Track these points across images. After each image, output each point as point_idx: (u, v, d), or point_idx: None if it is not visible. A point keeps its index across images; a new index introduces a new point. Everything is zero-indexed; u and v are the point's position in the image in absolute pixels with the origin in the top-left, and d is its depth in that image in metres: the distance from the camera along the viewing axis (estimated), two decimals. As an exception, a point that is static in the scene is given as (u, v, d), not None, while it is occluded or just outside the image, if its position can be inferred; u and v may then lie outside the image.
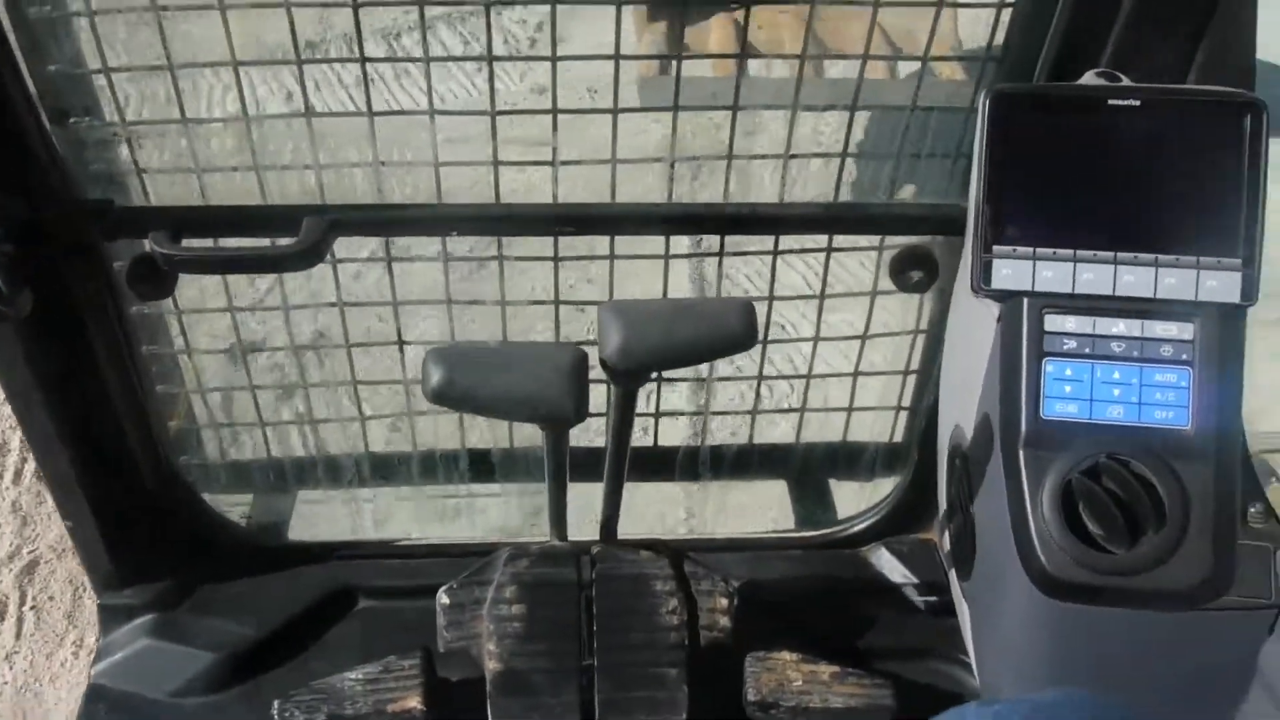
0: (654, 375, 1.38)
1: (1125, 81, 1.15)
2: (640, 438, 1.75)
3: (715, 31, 3.94)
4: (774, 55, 2.17)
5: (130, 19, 1.29)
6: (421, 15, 1.27)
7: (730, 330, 1.08)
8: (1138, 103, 1.08)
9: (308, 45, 1.28)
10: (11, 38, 1.24)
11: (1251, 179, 1.06)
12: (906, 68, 3.18)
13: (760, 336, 1.64)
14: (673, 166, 1.37)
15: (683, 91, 1.33)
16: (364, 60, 1.29)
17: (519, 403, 1.06)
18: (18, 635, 2.42)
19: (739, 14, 2.38)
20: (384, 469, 1.86)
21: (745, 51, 1.37)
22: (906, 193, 1.47)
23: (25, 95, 1.27)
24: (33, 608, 2.46)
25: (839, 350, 1.74)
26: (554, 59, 1.28)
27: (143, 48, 1.32)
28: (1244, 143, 1.06)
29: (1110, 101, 1.08)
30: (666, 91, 1.35)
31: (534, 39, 4.73)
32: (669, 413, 1.78)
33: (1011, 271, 1.08)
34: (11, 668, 2.36)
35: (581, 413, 1.06)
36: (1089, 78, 1.17)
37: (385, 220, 1.39)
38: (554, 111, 1.33)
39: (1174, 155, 1.08)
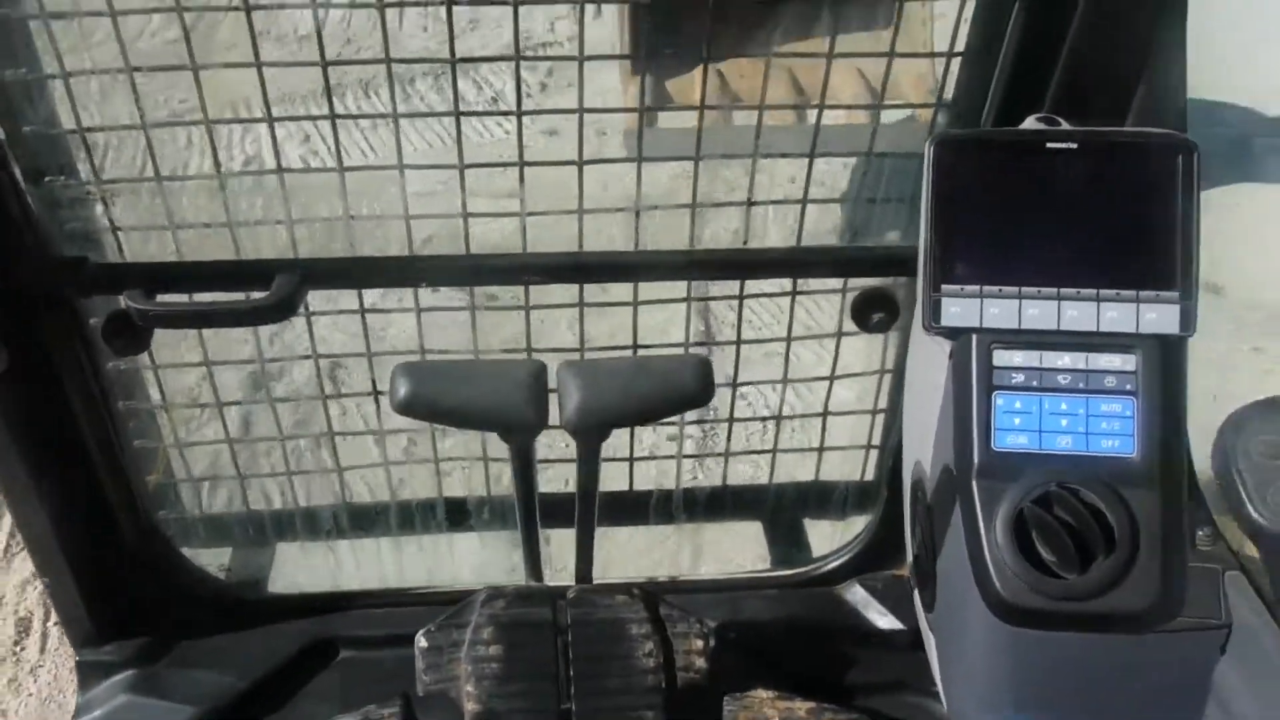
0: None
1: (1064, 125, 1.19)
2: (615, 481, 1.78)
3: (698, 82, 4.00)
4: (731, 106, 2.21)
5: (104, 79, 1.33)
6: (389, 73, 1.30)
7: (687, 387, 1.14)
8: (1075, 145, 1.12)
9: (284, 97, 1.31)
10: None
11: (1186, 216, 1.10)
12: (887, 116, 3.26)
13: (731, 379, 1.68)
14: (638, 216, 1.40)
15: (670, 140, 1.37)
16: (334, 117, 1.33)
17: (480, 411, 1.12)
18: (42, 650, 2.54)
19: (720, 65, 2.44)
20: (362, 519, 1.87)
21: (704, 103, 1.41)
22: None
23: (1, 156, 1.30)
24: (56, 623, 2.55)
25: (808, 390, 1.77)
26: (519, 113, 1.32)
27: (116, 107, 1.35)
28: (1178, 181, 1.10)
29: (1049, 144, 1.12)
30: (652, 142, 1.40)
31: (544, 84, 4.80)
32: (642, 457, 1.80)
33: (960, 309, 1.12)
34: (36, 680, 2.47)
35: (541, 422, 1.11)
36: (1030, 122, 1.21)
37: (357, 273, 1.41)
38: (520, 165, 1.36)
39: (1113, 194, 1.12)
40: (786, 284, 1.55)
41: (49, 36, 1.28)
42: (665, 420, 1.31)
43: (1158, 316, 1.09)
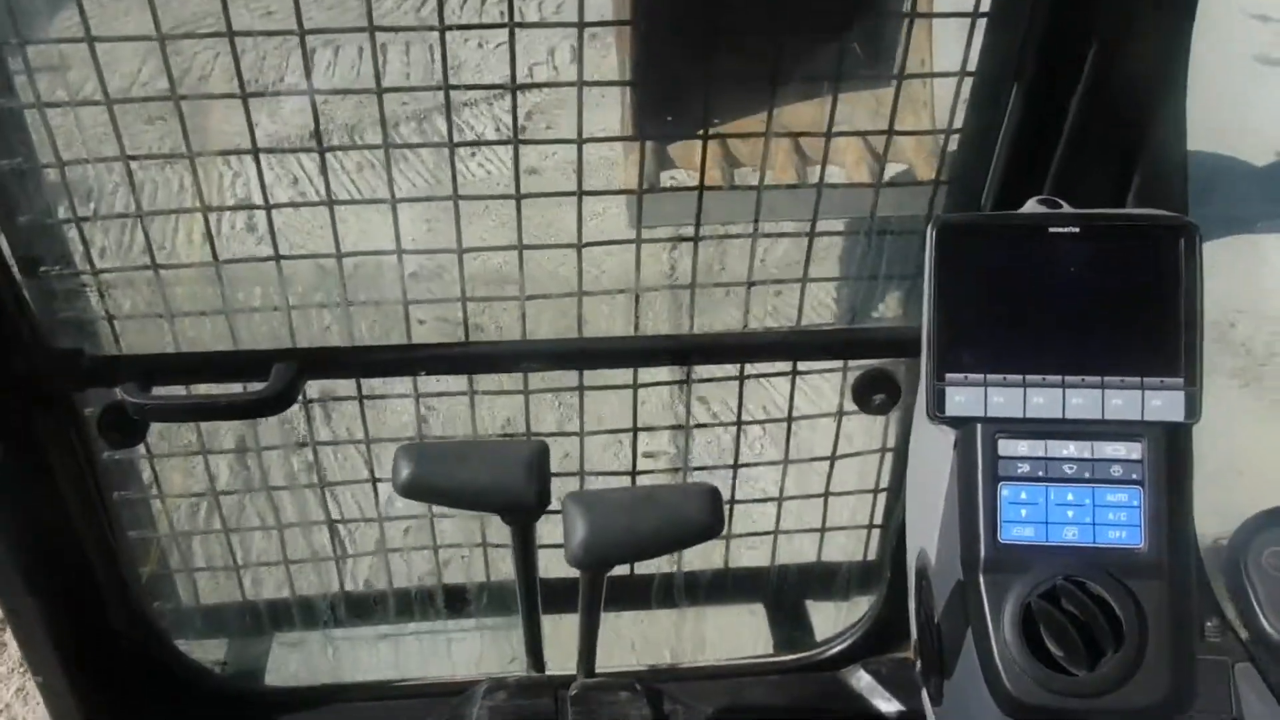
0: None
1: (1065, 207, 1.19)
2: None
3: (700, 147, 4.02)
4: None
5: (99, 167, 1.32)
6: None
7: (695, 520, 1.09)
8: (1077, 229, 1.11)
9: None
10: None
11: (1189, 300, 1.09)
12: (890, 173, 3.28)
13: (731, 460, 1.67)
14: (638, 300, 1.40)
15: (674, 204, 1.36)
16: (331, 204, 1.32)
17: (481, 493, 1.11)
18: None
19: (722, 128, 2.47)
20: (360, 608, 1.84)
21: (703, 184, 1.41)
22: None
23: None
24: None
25: (810, 470, 1.76)
26: (518, 197, 1.32)
27: (112, 195, 1.34)
28: (1180, 265, 1.09)
29: (1051, 229, 1.12)
30: (655, 207, 1.40)
31: (524, 126, 4.84)
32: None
33: (964, 398, 1.11)
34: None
35: (543, 503, 1.10)
36: (1031, 205, 1.21)
37: (355, 363, 1.40)
38: (519, 248, 1.36)
39: (1115, 279, 1.11)
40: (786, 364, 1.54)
41: (45, 127, 1.28)
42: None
43: (1163, 404, 1.08)
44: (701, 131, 1.33)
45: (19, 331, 1.33)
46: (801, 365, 1.53)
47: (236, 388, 1.36)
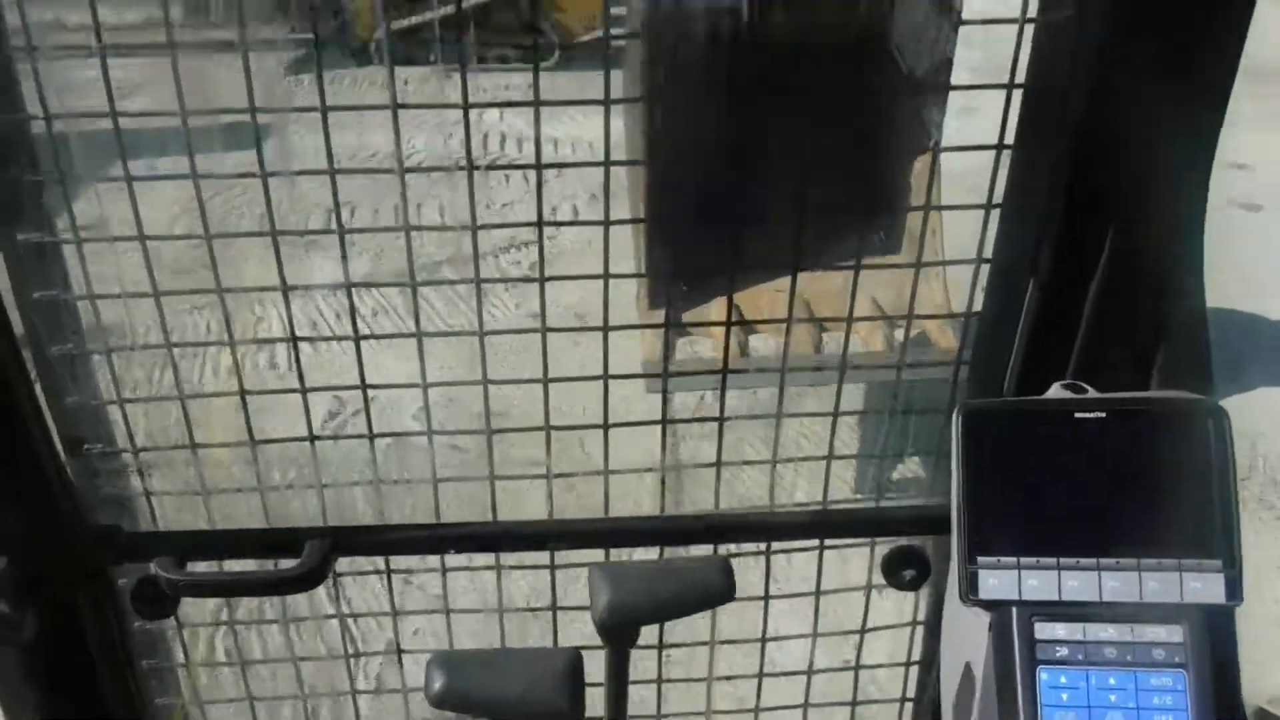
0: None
1: (1091, 392, 1.20)
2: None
3: (715, 313, 4.09)
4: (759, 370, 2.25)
5: (142, 353, 1.37)
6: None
7: (712, 586, 1.24)
8: (1104, 414, 1.13)
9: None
10: (33, 374, 1.31)
11: (1221, 482, 1.09)
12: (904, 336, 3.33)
13: (760, 636, 1.66)
14: (664, 482, 1.41)
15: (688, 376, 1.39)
16: (364, 387, 1.36)
17: (517, 704, 1.11)
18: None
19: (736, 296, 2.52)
20: (385, 778, 1.82)
21: (727, 365, 1.44)
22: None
23: (43, 428, 1.33)
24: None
25: (841, 643, 1.74)
26: (544, 380, 1.35)
27: (155, 380, 1.39)
28: (1210, 448, 1.10)
29: (1077, 414, 1.13)
30: (671, 379, 1.43)
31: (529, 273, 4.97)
32: (670, 714, 1.76)
33: (998, 581, 1.10)
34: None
35: (578, 713, 1.11)
36: (1055, 389, 1.22)
37: (386, 541, 1.42)
38: (546, 429, 1.38)
39: (1145, 462, 1.12)
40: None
41: (94, 314, 1.33)
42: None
43: (1202, 586, 1.07)
44: (724, 319, 1.36)
45: (61, 509, 1.36)
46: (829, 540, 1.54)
47: (269, 565, 1.38)
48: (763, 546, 1.52)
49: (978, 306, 1.38)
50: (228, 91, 1.22)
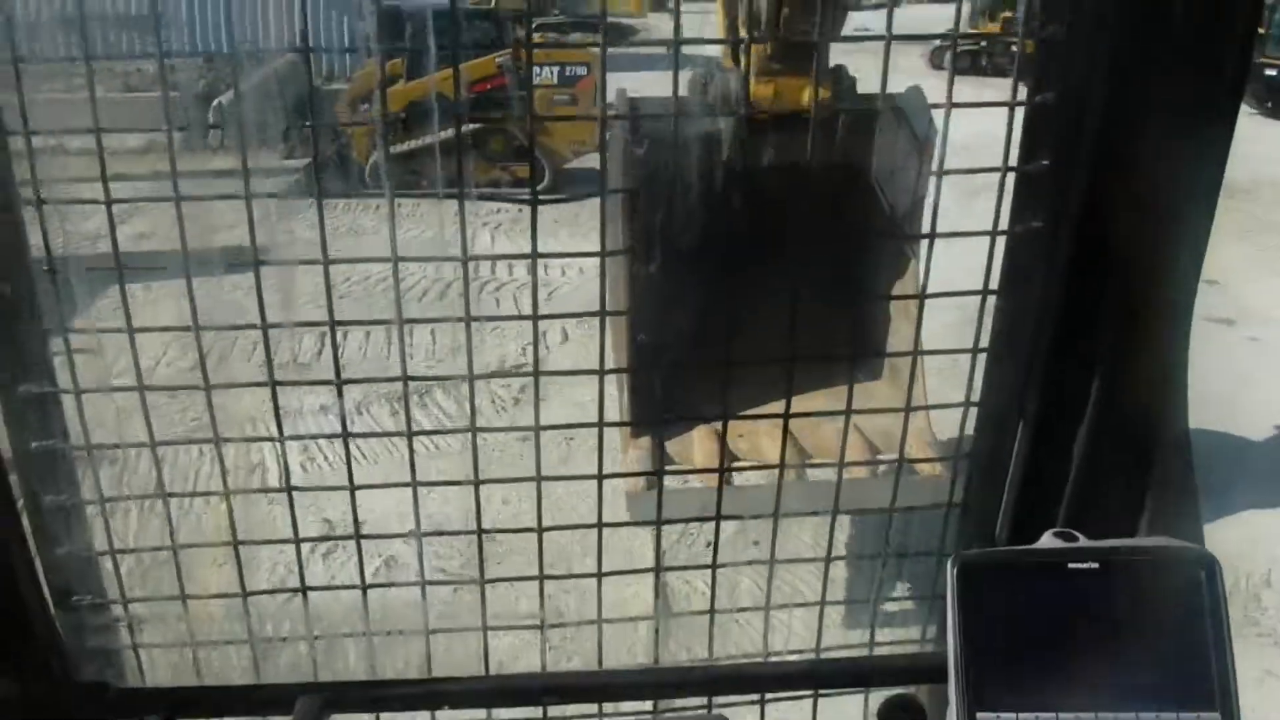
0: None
1: (1082, 539, 1.21)
2: None
3: (698, 443, 4.10)
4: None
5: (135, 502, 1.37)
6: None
7: None
8: (1097, 565, 1.13)
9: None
10: (26, 523, 1.31)
11: (1217, 631, 1.09)
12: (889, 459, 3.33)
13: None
14: (657, 631, 1.41)
15: (672, 502, 1.39)
16: (360, 537, 1.36)
17: None
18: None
19: (719, 425, 2.53)
20: None
21: (724, 464, 1.45)
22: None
23: (33, 577, 1.32)
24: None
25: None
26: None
27: (149, 531, 1.39)
28: (1204, 596, 1.10)
29: (1071, 564, 1.14)
30: (653, 506, 1.42)
31: (517, 398, 4.95)
32: None
33: None
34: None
35: None
36: (1047, 538, 1.23)
37: (378, 697, 1.40)
38: (540, 578, 1.38)
39: (1141, 612, 1.12)
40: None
41: (94, 472, 1.33)
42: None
43: None
44: (710, 442, 1.37)
45: (49, 663, 1.35)
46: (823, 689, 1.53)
47: None
48: (756, 697, 1.50)
49: (966, 447, 1.39)
50: (229, 211, 1.24)
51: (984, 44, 20.93)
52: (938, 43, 14.69)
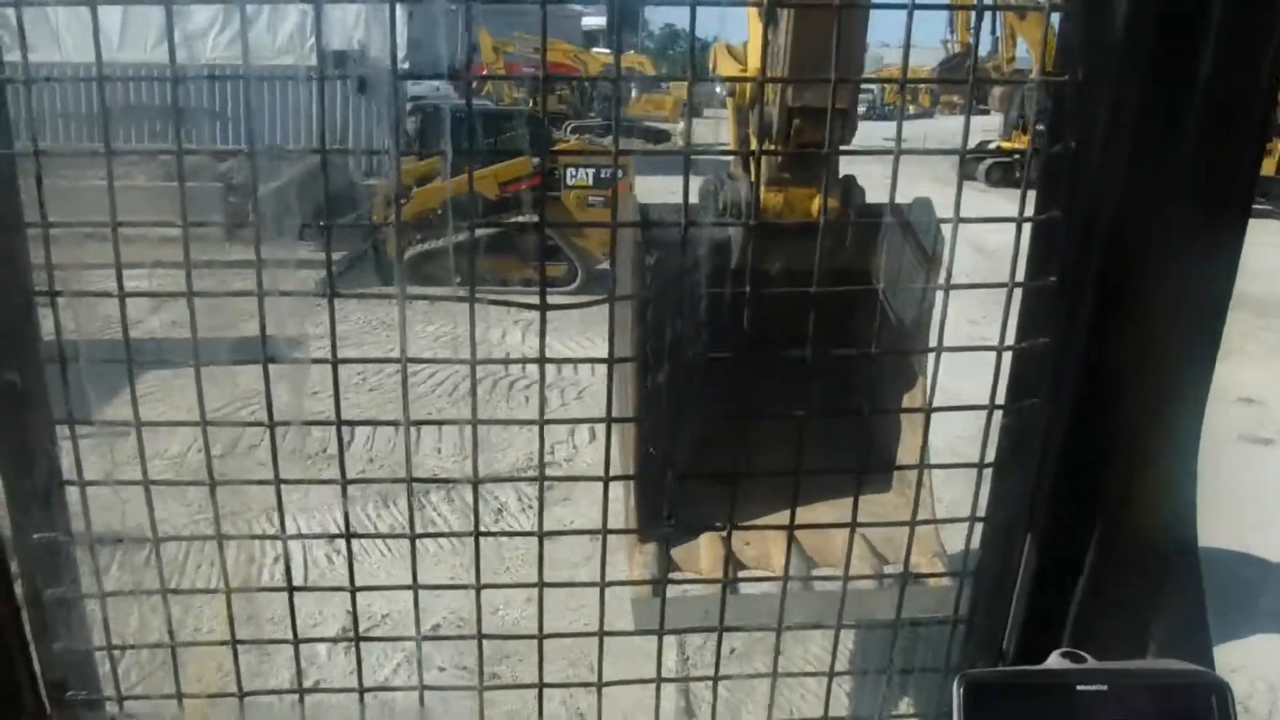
0: None
1: (1090, 661, 1.19)
2: None
3: (704, 549, 4.07)
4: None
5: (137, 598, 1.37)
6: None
7: None
8: (1105, 687, 1.12)
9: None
10: (25, 615, 1.30)
11: None
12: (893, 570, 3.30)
13: None
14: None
15: (678, 610, 1.38)
16: (359, 639, 1.35)
17: None
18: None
19: (724, 532, 2.52)
20: None
21: (728, 573, 1.43)
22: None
23: (30, 673, 1.31)
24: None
25: None
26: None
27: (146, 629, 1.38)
28: None
29: (1079, 687, 1.12)
30: (660, 613, 1.40)
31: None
32: None
33: None
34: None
35: None
36: (1054, 659, 1.22)
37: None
38: (539, 685, 1.36)
39: None
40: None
41: (92, 558, 1.33)
42: None
43: None
44: (716, 550, 1.37)
45: None
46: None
47: None
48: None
49: (973, 563, 1.39)
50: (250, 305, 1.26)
51: (1018, 156, 21.28)
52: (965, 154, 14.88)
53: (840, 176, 3.95)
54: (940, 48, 26.58)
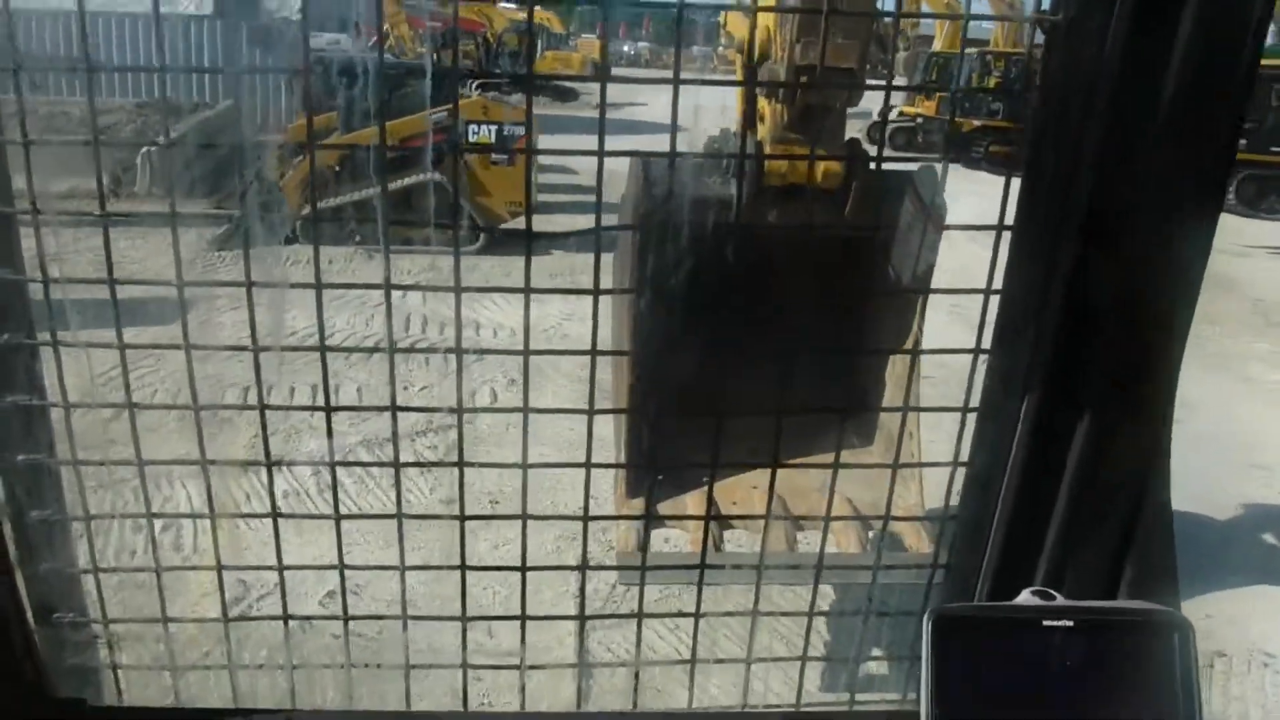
0: None
1: (1059, 599, 1.21)
2: None
3: (691, 505, 4.09)
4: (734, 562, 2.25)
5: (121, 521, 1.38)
6: (399, 526, 1.34)
7: None
8: (1071, 623, 1.13)
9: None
10: (9, 536, 1.31)
11: (1186, 695, 1.09)
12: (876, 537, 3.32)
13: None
14: (637, 676, 1.40)
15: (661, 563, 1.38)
16: (343, 568, 1.36)
17: None
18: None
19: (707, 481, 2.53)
20: None
21: (709, 546, 1.44)
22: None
23: (14, 595, 1.32)
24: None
25: None
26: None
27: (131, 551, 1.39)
28: (1176, 660, 1.10)
29: (1045, 622, 1.14)
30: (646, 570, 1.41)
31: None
32: None
33: None
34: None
35: None
36: (1025, 596, 1.23)
37: (354, 729, 1.40)
38: (522, 618, 1.38)
39: (1112, 672, 1.12)
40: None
41: (78, 480, 1.34)
42: None
43: None
44: (703, 512, 1.38)
45: (24, 676, 1.34)
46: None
47: None
48: (734, 746, 1.50)
49: (953, 509, 1.40)
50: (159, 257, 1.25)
51: (920, 121, 21.49)
52: (874, 118, 15.18)
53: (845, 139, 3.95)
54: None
